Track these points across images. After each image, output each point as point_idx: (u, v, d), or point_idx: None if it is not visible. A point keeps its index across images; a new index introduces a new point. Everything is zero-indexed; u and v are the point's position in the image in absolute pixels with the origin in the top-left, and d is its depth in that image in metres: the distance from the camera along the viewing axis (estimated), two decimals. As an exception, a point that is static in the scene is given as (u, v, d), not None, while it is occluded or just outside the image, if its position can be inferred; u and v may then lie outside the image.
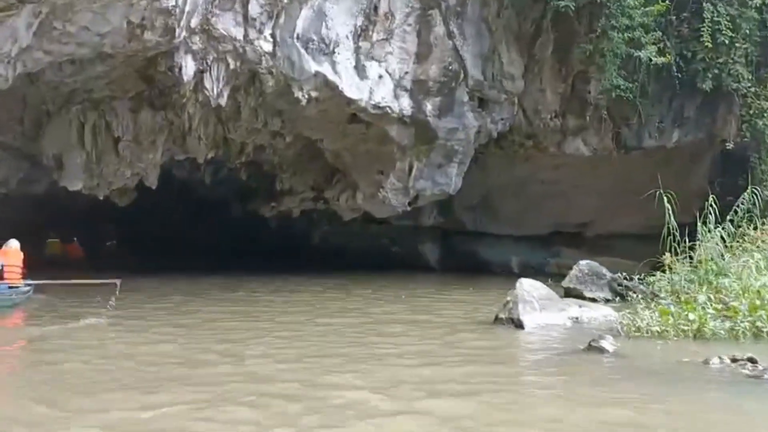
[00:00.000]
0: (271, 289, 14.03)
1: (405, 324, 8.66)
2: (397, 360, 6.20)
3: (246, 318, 9.73)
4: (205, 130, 14.04)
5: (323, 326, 8.50)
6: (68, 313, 9.58)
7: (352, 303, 11.77)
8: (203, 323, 9.18)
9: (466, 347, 6.90)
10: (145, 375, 5.76)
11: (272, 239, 25.75)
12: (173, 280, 15.80)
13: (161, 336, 7.88)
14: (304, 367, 5.91)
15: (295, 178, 17.87)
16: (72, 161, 13.88)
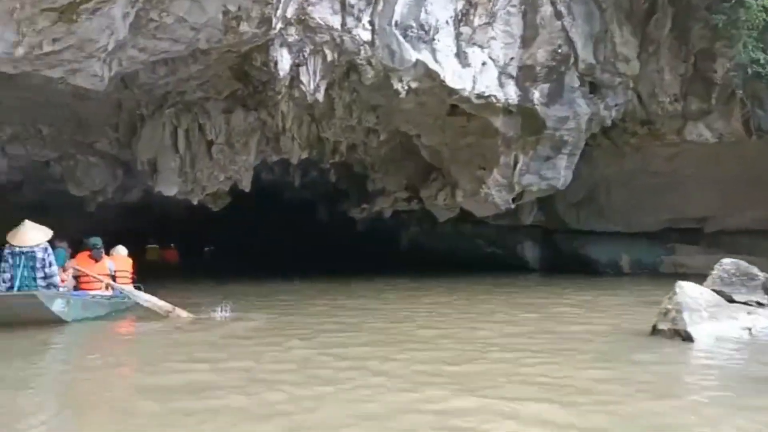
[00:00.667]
0: (390, 293, 13.06)
1: (549, 336, 7.43)
2: (584, 395, 4.85)
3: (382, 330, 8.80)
4: (299, 129, 13.35)
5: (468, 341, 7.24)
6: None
7: (470, 309, 10.56)
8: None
9: (638, 368, 5.54)
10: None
11: (360, 242, 25.07)
12: (279, 284, 15.42)
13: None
14: (483, 402, 4.70)
15: (387, 177, 16.99)
16: (166, 166, 13.49)
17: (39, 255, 8.28)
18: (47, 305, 7.93)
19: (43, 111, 13.68)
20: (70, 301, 8.42)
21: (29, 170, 16.48)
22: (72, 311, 8.36)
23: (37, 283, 8.20)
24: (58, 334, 7.80)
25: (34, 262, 8.22)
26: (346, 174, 18.91)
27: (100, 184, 15.95)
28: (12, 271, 8.16)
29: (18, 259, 8.18)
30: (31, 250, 8.26)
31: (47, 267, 8.31)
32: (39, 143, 14.73)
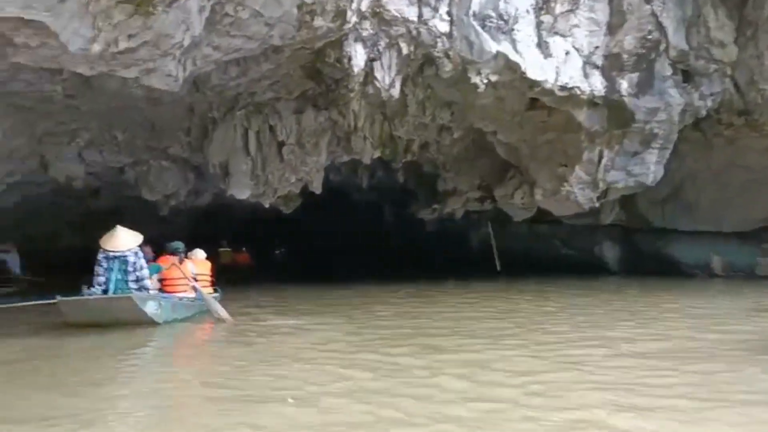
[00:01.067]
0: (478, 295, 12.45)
1: (677, 346, 6.62)
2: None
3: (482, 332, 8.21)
4: (371, 128, 12.87)
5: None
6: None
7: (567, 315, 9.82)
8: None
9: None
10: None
11: (428, 243, 24.48)
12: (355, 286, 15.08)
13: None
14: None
15: (459, 177, 16.34)
16: (238, 168, 13.25)
17: (131, 259, 8.57)
18: (142, 307, 8.20)
19: (118, 117, 13.70)
20: (162, 303, 8.65)
21: (105, 176, 16.63)
22: (163, 313, 8.60)
23: (129, 286, 8.46)
24: (151, 335, 8.03)
25: (126, 266, 8.51)
26: (416, 174, 18.36)
27: (173, 188, 15.93)
28: (106, 274, 8.48)
29: (111, 263, 8.52)
30: (123, 254, 8.57)
31: (138, 270, 8.57)
32: (114, 149, 14.80)
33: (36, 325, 8.82)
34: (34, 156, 14.10)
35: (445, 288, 14.83)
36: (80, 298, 8.32)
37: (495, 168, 15.29)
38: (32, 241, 22.76)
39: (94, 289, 8.49)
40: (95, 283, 8.52)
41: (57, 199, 19.73)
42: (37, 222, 21.47)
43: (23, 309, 8.95)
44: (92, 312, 8.19)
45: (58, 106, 12.69)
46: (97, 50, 6.43)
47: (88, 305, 8.22)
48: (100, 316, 8.12)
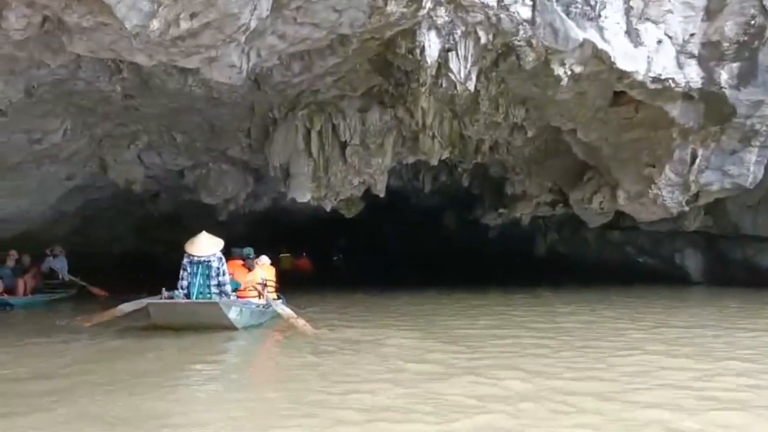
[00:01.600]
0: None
1: None
2: None
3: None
4: (440, 127, 11.99)
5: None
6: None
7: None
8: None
9: None
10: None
11: (490, 249, 23.40)
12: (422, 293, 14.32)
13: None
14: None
15: (530, 180, 15.28)
16: (299, 171, 12.57)
17: (214, 264, 8.72)
18: (226, 313, 8.31)
19: (177, 118, 13.22)
20: (243, 309, 8.75)
21: (164, 179, 16.25)
22: (242, 319, 8.71)
23: (211, 291, 8.62)
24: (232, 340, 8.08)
25: (209, 271, 8.65)
26: (481, 177, 17.38)
27: (232, 192, 15.39)
28: (189, 279, 8.66)
29: (195, 267, 8.67)
30: (207, 259, 8.72)
31: (221, 276, 8.71)
32: (173, 151, 14.35)
33: (117, 327, 8.88)
34: (93, 158, 13.76)
35: (515, 297, 13.81)
36: (169, 301, 8.51)
37: (570, 170, 14.18)
38: (92, 245, 22.78)
39: (177, 293, 8.65)
40: (178, 287, 8.69)
41: (117, 204, 19.54)
42: (98, 226, 21.39)
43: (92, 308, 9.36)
44: (179, 315, 8.36)
45: (117, 107, 12.27)
46: (156, 28, 5.76)
47: (175, 309, 8.39)
48: (185, 320, 8.28)
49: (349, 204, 14.27)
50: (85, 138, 12.46)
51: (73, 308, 12.98)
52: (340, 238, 28.42)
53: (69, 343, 7.83)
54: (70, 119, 11.58)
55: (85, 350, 7.49)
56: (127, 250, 24.38)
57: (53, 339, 8.11)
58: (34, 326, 9.69)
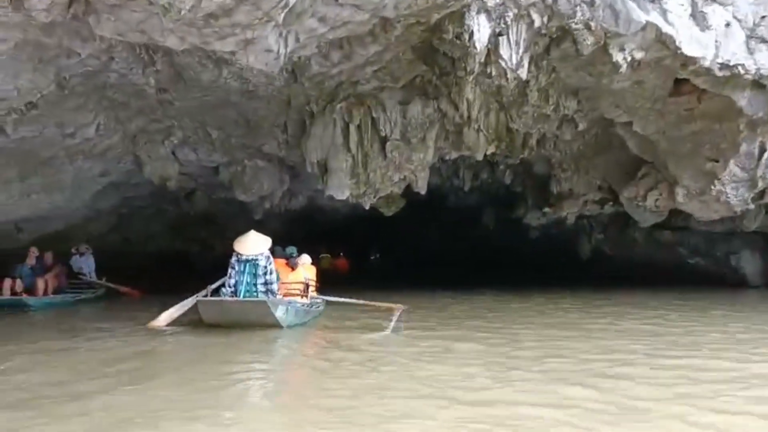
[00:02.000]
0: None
1: None
2: None
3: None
4: (486, 119, 11.30)
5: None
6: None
7: None
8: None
9: None
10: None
11: (531, 250, 22.56)
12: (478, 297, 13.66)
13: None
14: None
15: (577, 177, 14.46)
16: (337, 167, 11.99)
17: (261, 263, 8.69)
18: (273, 311, 8.31)
19: (212, 113, 12.77)
20: (289, 308, 8.71)
21: (199, 176, 15.86)
22: (288, 318, 8.68)
23: (258, 290, 8.61)
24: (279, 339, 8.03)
25: (257, 270, 8.64)
26: (524, 175, 16.61)
27: (268, 190, 14.89)
28: (237, 277, 8.66)
29: (243, 266, 8.68)
30: (255, 258, 8.70)
31: (268, 274, 8.68)
32: (208, 147, 13.91)
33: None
34: (128, 155, 13.39)
35: (564, 298, 13.01)
36: (218, 299, 8.55)
37: (622, 166, 13.32)
38: (128, 244, 22.60)
39: (224, 291, 8.67)
40: (226, 285, 8.72)
41: (153, 202, 19.28)
42: (134, 225, 21.18)
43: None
44: (227, 313, 8.39)
45: (151, 102, 11.86)
46: (186, 1, 5.21)
47: (224, 307, 8.42)
48: (233, 318, 8.32)
49: (389, 201, 13.65)
50: (118, 133, 12.08)
51: (104, 308, 12.63)
52: (376, 241, 27.79)
53: (91, 344, 7.55)
54: (104, 113, 11.20)
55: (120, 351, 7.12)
56: (163, 248, 24.16)
57: (65, 343, 7.69)
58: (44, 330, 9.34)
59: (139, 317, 9.44)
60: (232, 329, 8.10)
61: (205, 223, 23.53)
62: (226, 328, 8.20)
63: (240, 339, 7.74)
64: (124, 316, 10.28)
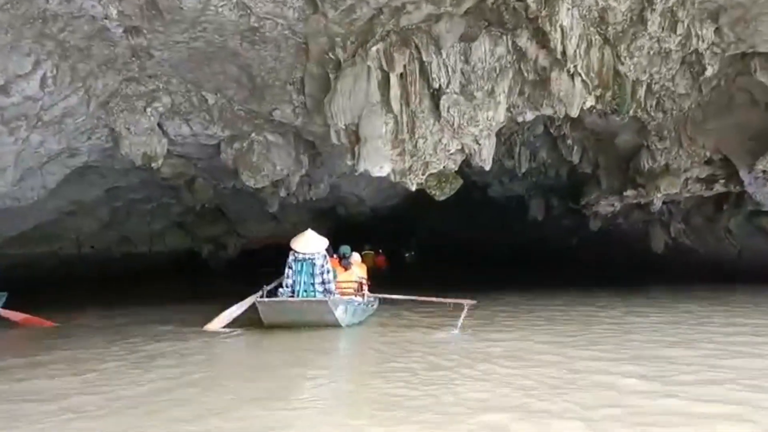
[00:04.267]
0: None
1: None
2: None
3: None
4: (586, 58, 7.71)
5: None
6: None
7: None
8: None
9: None
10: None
11: (593, 244, 18.92)
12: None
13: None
14: None
15: (678, 147, 10.83)
16: (374, 133, 8.49)
17: (318, 262, 8.36)
18: (333, 310, 8.03)
19: (205, 68, 9.42)
20: (348, 307, 8.43)
21: (198, 159, 12.47)
22: (347, 317, 8.38)
23: (315, 289, 8.26)
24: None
25: (314, 269, 8.32)
26: (599, 149, 13.00)
27: (282, 172, 11.42)
28: (294, 276, 8.31)
29: (299, 265, 8.35)
30: (311, 257, 8.37)
31: (325, 273, 8.33)
32: (204, 117, 10.52)
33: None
34: (100, 128, 10.04)
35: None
36: (278, 299, 8.22)
37: (746, 131, 9.72)
38: (128, 244, 19.38)
39: (282, 291, 8.31)
40: (284, 284, 8.34)
41: (151, 194, 16.00)
42: (133, 222, 17.92)
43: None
44: (288, 313, 8.14)
45: (120, 49, 8.53)
46: None
47: (286, 307, 8.16)
48: (294, 318, 8.08)
49: (441, 181, 10.07)
50: (78, 93, 8.70)
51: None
52: (411, 237, 24.45)
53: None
54: (50, 61, 7.83)
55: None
56: (172, 249, 20.95)
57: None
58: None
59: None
60: (290, 329, 7.85)
61: (214, 219, 20.24)
62: (285, 328, 7.93)
63: (301, 340, 7.41)
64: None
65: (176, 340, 7.62)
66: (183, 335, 7.95)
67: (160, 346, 7.16)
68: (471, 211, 22.53)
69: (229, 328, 8.38)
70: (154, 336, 7.92)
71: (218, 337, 7.92)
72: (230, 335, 7.99)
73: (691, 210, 14.93)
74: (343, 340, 7.71)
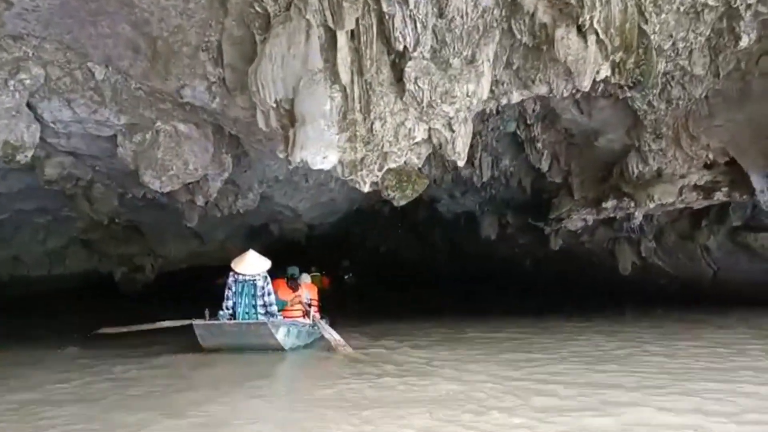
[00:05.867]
0: None
1: None
2: None
3: None
4: (605, 9, 5.58)
5: None
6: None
7: None
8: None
9: None
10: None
11: (553, 265, 17.06)
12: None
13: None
14: None
15: (675, 148, 8.97)
16: (314, 109, 6.13)
17: (259, 283, 8.11)
18: (274, 333, 7.72)
19: (90, 27, 6.91)
20: (290, 330, 8.11)
21: (89, 157, 9.72)
22: (290, 339, 8.07)
23: (257, 311, 8.02)
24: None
25: (255, 290, 8.09)
26: (574, 153, 11.08)
27: (195, 172, 8.80)
28: (234, 298, 8.06)
29: (240, 286, 8.09)
30: (252, 278, 8.10)
31: (266, 295, 8.11)
32: (92, 98, 7.85)
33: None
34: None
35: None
36: (216, 322, 7.81)
37: (763, 129, 7.90)
38: (21, 266, 16.11)
39: (222, 313, 7.94)
40: (224, 307, 7.99)
41: (43, 204, 12.97)
42: (24, 239, 14.74)
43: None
44: (227, 337, 7.72)
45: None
46: None
47: (223, 330, 7.74)
48: (233, 341, 7.68)
49: (402, 179, 7.66)
50: None
51: None
52: (344, 259, 22.27)
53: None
54: None
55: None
56: (74, 272, 17.71)
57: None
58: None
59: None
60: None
61: (127, 237, 17.17)
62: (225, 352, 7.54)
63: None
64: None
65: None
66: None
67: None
68: (417, 230, 20.47)
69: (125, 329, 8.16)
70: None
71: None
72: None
73: (665, 226, 13.25)
74: (267, 365, 7.12)
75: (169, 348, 8.02)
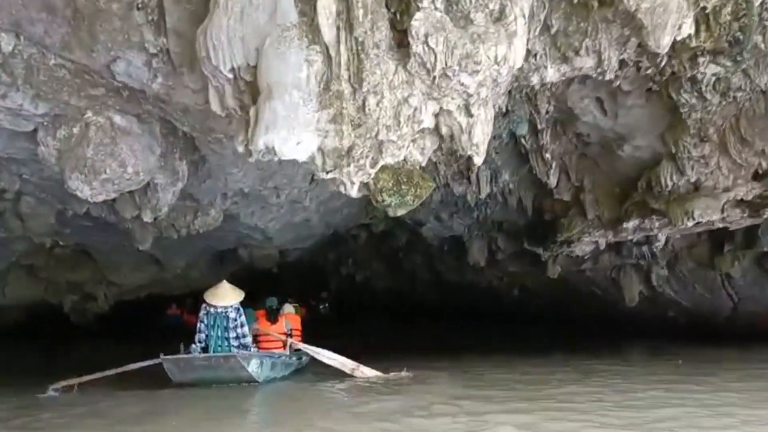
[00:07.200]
0: None
1: None
2: None
3: None
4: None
5: None
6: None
7: None
8: None
9: None
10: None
11: (549, 295, 15.38)
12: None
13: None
14: None
15: (720, 154, 7.37)
16: (286, 80, 4.35)
17: (231, 315, 7.93)
18: (245, 365, 7.51)
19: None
20: (263, 362, 7.89)
21: (15, 159, 7.75)
22: (263, 372, 7.87)
23: (230, 344, 7.79)
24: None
25: (227, 322, 7.89)
26: (587, 166, 9.44)
27: (137, 177, 6.88)
28: (207, 331, 7.89)
29: (213, 318, 7.93)
30: (224, 310, 7.92)
31: (239, 327, 7.92)
32: (2, 79, 5.98)
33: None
34: None
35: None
36: (185, 356, 7.58)
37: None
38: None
39: (194, 347, 7.75)
40: (196, 340, 7.83)
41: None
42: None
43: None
44: (197, 371, 7.50)
45: None
46: None
47: (193, 364, 7.51)
48: (204, 375, 7.47)
49: (401, 181, 5.73)
50: None
51: None
52: (323, 291, 20.63)
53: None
54: None
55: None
56: (14, 302, 15.44)
57: None
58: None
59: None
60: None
61: (76, 262, 14.99)
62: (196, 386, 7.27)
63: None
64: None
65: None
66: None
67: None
68: (396, 257, 18.73)
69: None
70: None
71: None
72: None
73: (680, 252, 11.65)
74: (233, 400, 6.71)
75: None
